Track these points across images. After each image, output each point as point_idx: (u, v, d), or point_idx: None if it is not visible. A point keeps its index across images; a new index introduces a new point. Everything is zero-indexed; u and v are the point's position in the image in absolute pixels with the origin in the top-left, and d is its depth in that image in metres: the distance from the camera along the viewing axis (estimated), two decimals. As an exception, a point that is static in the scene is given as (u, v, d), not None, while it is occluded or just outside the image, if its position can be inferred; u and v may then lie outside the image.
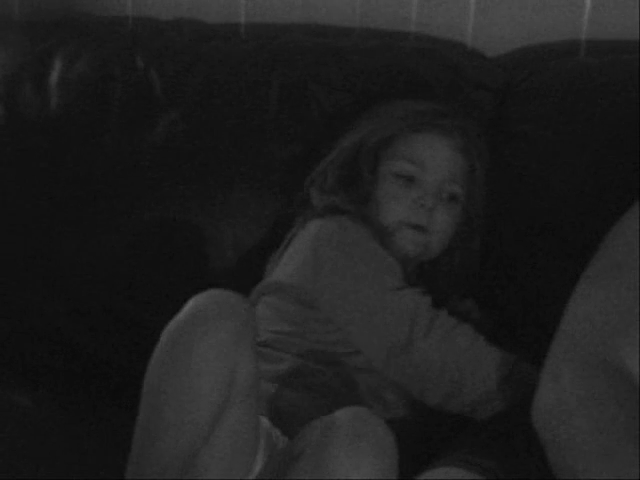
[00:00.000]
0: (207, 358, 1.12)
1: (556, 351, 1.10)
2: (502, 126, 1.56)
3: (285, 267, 1.40)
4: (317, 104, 1.61)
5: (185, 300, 1.57)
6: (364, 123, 1.46)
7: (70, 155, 1.70)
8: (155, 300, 1.61)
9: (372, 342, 1.32)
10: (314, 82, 1.62)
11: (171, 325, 1.17)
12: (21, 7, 1.94)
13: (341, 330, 1.34)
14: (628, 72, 1.49)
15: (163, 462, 1.12)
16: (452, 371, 1.30)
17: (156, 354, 1.16)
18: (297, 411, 1.29)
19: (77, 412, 1.53)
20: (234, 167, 1.62)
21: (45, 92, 1.73)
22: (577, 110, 1.50)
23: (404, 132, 1.42)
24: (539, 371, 1.10)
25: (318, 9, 1.77)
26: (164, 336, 1.17)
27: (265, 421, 1.28)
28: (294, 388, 1.32)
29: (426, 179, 1.40)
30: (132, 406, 1.48)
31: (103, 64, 1.73)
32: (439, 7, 1.71)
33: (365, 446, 1.05)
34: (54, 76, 1.74)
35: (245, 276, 1.58)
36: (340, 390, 1.32)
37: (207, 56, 1.70)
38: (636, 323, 1.06)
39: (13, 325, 1.69)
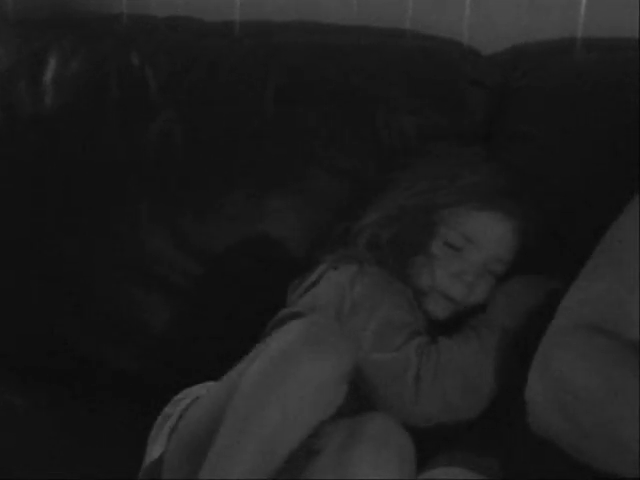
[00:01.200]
0: (313, 389, 1.12)
1: (544, 344, 1.11)
2: (498, 124, 1.56)
3: (307, 302, 1.41)
4: (313, 102, 1.60)
5: (182, 298, 1.61)
6: (430, 183, 1.43)
7: (65, 153, 1.69)
8: (152, 300, 1.61)
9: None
10: (310, 80, 1.62)
11: (283, 340, 1.16)
12: (16, 5, 1.93)
13: None
14: (624, 69, 1.49)
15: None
16: (467, 396, 1.29)
17: (262, 366, 1.15)
18: None
19: (72, 412, 1.53)
20: (230, 165, 1.62)
21: (40, 90, 1.73)
22: (573, 108, 1.50)
23: (468, 207, 1.40)
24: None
25: (313, 7, 1.77)
26: (274, 351, 1.16)
27: None
28: None
29: (473, 256, 1.39)
30: (128, 407, 1.50)
31: (98, 62, 1.72)
32: (435, 5, 1.71)
33: (389, 453, 1.10)
34: (49, 74, 1.73)
35: (241, 272, 1.59)
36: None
37: (202, 54, 1.70)
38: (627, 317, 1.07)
39: (8, 325, 1.68)
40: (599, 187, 1.42)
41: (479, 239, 1.39)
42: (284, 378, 1.12)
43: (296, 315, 1.38)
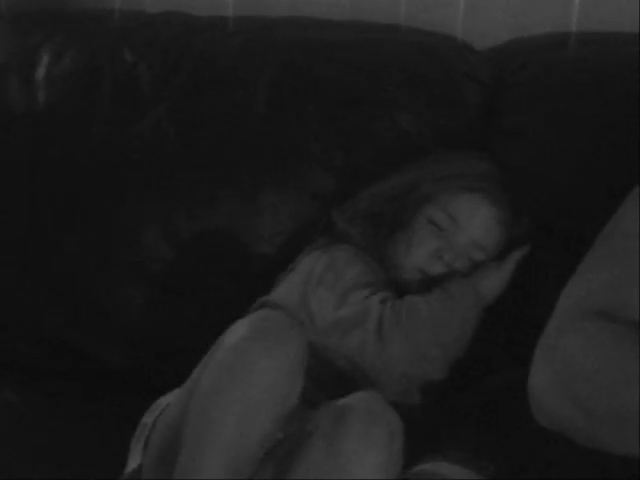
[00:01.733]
0: (268, 381, 1.13)
1: (548, 333, 1.10)
2: (492, 119, 1.56)
3: (285, 292, 1.42)
4: (307, 98, 1.60)
5: (176, 294, 1.60)
6: (420, 168, 1.46)
7: (57, 149, 1.69)
8: (146, 296, 1.61)
9: (348, 352, 1.34)
10: (303, 76, 1.61)
11: (233, 337, 1.18)
12: (9, 1, 1.92)
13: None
14: (618, 64, 1.50)
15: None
16: (430, 344, 1.31)
17: (215, 364, 1.17)
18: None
19: (67, 409, 1.53)
20: (223, 161, 1.61)
21: (32, 86, 1.72)
22: (567, 102, 1.50)
23: (457, 186, 1.41)
24: None
25: (307, 2, 1.77)
26: (225, 349, 1.17)
27: None
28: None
29: (456, 237, 1.39)
30: (122, 403, 1.50)
31: (91, 58, 1.72)
32: (429, 0, 1.71)
33: (378, 430, 1.11)
34: (41, 70, 1.73)
35: (235, 268, 1.59)
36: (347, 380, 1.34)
37: (195, 50, 1.69)
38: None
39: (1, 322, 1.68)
40: (594, 181, 1.42)
41: (464, 220, 1.39)
42: (238, 376, 1.13)
43: (264, 305, 1.40)
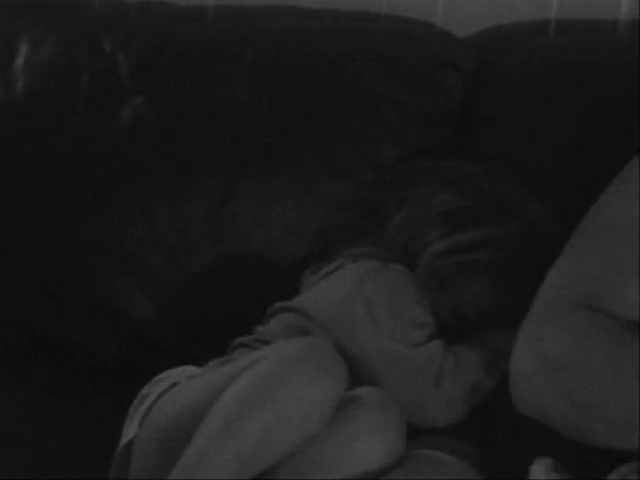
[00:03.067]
0: (304, 406, 1.11)
1: (533, 319, 1.09)
2: (473, 107, 1.56)
3: (321, 300, 1.38)
4: (287, 87, 1.59)
5: (157, 281, 1.60)
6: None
7: (36, 140, 1.69)
8: (128, 283, 1.61)
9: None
10: (284, 65, 1.61)
11: (280, 354, 1.16)
12: (-15, -10, 1.92)
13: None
14: (599, 51, 1.50)
15: None
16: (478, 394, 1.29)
17: (256, 372, 1.14)
18: None
19: (55, 403, 1.52)
20: (202, 152, 1.61)
21: (10, 77, 1.72)
22: (549, 89, 1.50)
23: None
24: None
25: (288, -9, 1.76)
26: (270, 361, 1.15)
27: None
28: None
29: None
30: (104, 392, 1.50)
31: (69, 48, 1.72)
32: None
33: (388, 419, 1.12)
34: (19, 60, 1.73)
35: (216, 256, 1.59)
36: None
37: (175, 39, 1.69)
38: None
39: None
40: (577, 168, 1.42)
41: None
42: (273, 394, 1.11)
43: (288, 309, 1.38)
